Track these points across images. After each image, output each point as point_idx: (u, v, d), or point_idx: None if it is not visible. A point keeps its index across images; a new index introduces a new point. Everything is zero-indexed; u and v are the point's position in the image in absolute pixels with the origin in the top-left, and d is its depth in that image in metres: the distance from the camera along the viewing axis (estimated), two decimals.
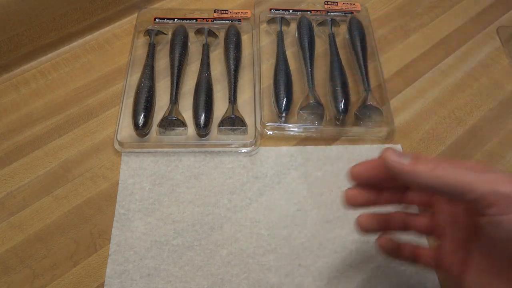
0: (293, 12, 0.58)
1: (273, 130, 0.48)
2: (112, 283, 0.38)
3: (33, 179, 0.44)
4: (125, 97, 0.49)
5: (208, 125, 0.46)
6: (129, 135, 0.46)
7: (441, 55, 0.57)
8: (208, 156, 0.46)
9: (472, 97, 0.53)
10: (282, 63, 0.51)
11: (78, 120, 0.49)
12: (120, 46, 0.55)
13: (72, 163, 0.45)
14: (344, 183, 0.45)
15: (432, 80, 0.54)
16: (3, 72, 0.52)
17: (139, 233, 0.41)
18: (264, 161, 0.46)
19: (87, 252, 0.40)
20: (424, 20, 0.61)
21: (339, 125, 0.48)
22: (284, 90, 0.48)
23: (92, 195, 0.43)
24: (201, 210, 0.43)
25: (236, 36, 0.53)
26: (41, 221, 0.41)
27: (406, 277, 0.39)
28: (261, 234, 0.41)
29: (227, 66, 0.51)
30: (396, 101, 0.52)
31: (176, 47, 0.51)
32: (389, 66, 0.55)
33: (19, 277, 0.38)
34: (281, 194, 0.44)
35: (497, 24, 0.61)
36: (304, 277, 0.39)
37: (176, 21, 0.56)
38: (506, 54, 0.57)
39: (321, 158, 0.46)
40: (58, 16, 0.52)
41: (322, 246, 0.41)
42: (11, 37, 0.50)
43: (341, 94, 0.48)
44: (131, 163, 0.45)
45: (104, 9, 0.56)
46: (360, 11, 0.59)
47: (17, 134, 0.47)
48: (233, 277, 0.39)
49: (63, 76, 0.52)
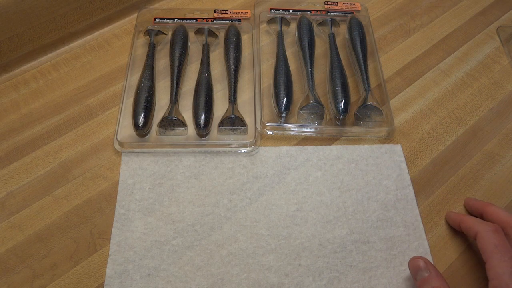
0: (293, 12, 0.58)
1: (273, 130, 0.48)
2: (112, 283, 0.38)
3: (33, 179, 0.44)
4: (125, 97, 0.49)
5: (208, 125, 0.46)
6: (129, 135, 0.46)
7: (441, 55, 0.57)
8: (208, 156, 0.46)
9: (472, 97, 0.53)
10: (282, 63, 0.51)
11: (78, 120, 0.49)
12: (120, 46, 0.55)
13: (72, 163, 0.45)
14: (344, 183, 0.45)
15: (432, 80, 0.54)
16: (3, 72, 0.52)
17: (139, 233, 0.41)
18: (264, 161, 0.46)
19: (87, 252, 0.40)
20: (424, 20, 0.61)
21: (339, 125, 0.48)
22: (284, 90, 0.48)
23: (92, 195, 0.43)
24: (201, 210, 0.43)
25: (236, 36, 0.53)
26: (41, 221, 0.41)
27: (406, 277, 0.39)
28: (261, 234, 0.41)
29: (227, 66, 0.51)
30: (396, 101, 0.52)
31: (176, 47, 0.51)
32: (389, 66, 0.55)
33: (19, 277, 0.38)
34: (281, 194, 0.44)
35: (497, 24, 0.61)
36: (304, 277, 0.39)
37: (176, 21, 0.56)
38: (506, 54, 0.57)
39: (321, 158, 0.47)
40: (58, 16, 0.52)
41: (322, 246, 0.41)
42: (11, 37, 0.50)
43: (341, 94, 0.48)
44: (131, 163, 0.45)
45: (104, 9, 0.56)
46: (360, 11, 0.59)
47: (17, 134, 0.47)
48: (233, 277, 0.39)
49: (63, 76, 0.52)
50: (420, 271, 0.36)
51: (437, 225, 0.43)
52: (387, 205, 0.43)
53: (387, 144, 0.48)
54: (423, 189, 0.45)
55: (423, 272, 0.36)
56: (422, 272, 0.36)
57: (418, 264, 0.36)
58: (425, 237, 0.42)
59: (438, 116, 0.51)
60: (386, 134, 0.48)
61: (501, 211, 0.39)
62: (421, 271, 0.36)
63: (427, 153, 0.48)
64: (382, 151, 0.47)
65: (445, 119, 0.51)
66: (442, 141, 0.49)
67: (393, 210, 0.43)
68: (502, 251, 0.34)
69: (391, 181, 0.45)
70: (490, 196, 0.45)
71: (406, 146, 0.48)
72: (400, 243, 0.41)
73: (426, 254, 0.41)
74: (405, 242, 0.41)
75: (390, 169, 0.46)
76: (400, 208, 0.43)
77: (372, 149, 0.47)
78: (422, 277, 0.36)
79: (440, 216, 0.43)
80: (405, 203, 0.44)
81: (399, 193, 0.44)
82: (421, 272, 0.36)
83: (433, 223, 0.43)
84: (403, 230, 0.42)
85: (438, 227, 0.43)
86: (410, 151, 0.48)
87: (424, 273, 0.36)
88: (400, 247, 0.41)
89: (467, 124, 0.50)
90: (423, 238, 0.42)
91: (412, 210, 0.43)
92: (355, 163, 0.46)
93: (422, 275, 0.36)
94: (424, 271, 0.36)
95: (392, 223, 0.42)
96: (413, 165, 0.47)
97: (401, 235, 0.42)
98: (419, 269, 0.36)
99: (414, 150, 0.48)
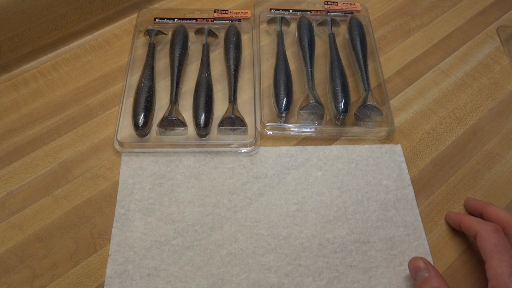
0: (293, 12, 0.58)
1: (273, 130, 0.48)
2: (112, 283, 0.38)
3: (33, 179, 0.44)
4: (125, 97, 0.49)
5: (208, 125, 0.46)
6: (129, 135, 0.46)
7: (441, 55, 0.57)
8: (208, 156, 0.46)
9: (472, 97, 0.53)
10: (282, 63, 0.51)
11: (78, 120, 0.49)
12: (120, 46, 0.55)
13: (72, 163, 0.45)
14: (344, 183, 0.45)
15: (432, 80, 0.54)
16: (3, 72, 0.52)
17: (139, 233, 0.41)
18: (264, 161, 0.46)
19: (87, 252, 0.40)
20: (424, 20, 0.61)
21: (339, 125, 0.48)
22: (284, 90, 0.48)
23: (92, 195, 0.43)
24: (201, 210, 0.43)
25: (236, 36, 0.53)
26: (41, 221, 0.41)
27: (406, 277, 0.39)
28: (261, 234, 0.41)
29: (227, 66, 0.51)
30: (396, 101, 0.52)
31: (176, 47, 0.51)
32: (389, 66, 0.55)
33: (19, 277, 0.38)
34: (281, 194, 0.44)
35: (497, 24, 0.61)
36: (304, 277, 0.39)
37: (176, 21, 0.56)
38: (506, 54, 0.57)
39: (321, 158, 0.47)
40: (58, 16, 0.52)
41: (322, 246, 0.41)
42: (11, 37, 0.50)
43: (341, 94, 0.48)
44: (131, 163, 0.45)
45: (104, 9, 0.56)
46: (360, 11, 0.59)
47: (17, 134, 0.47)
48: (233, 277, 0.39)
49: (63, 76, 0.52)
50: (420, 272, 0.36)
51: (437, 225, 0.43)
52: (387, 205, 0.43)
53: (387, 144, 0.48)
54: (423, 189, 0.45)
55: (423, 272, 0.36)
56: (422, 272, 0.36)
57: (418, 265, 0.37)
58: (425, 237, 0.42)
59: (438, 116, 0.51)
60: (386, 134, 0.48)
61: (501, 211, 0.39)
62: (421, 271, 0.36)
63: (427, 153, 0.48)
64: (382, 151, 0.47)
65: (445, 119, 0.51)
66: (442, 141, 0.49)
67: (393, 210, 0.43)
68: (502, 251, 0.34)
69: (391, 181, 0.45)
70: (490, 196, 0.45)
71: (406, 146, 0.48)
72: (400, 243, 0.41)
73: (426, 254, 0.41)
74: (405, 242, 0.41)
75: (390, 169, 0.46)
76: (400, 208, 0.43)
77: (372, 149, 0.47)
78: (422, 277, 0.36)
79: (440, 216, 0.43)
80: (405, 203, 0.44)
81: (399, 193, 0.44)
82: (421, 272, 0.36)
83: (433, 223, 0.43)
84: (403, 230, 0.42)
85: (438, 227, 0.43)
86: (410, 151, 0.48)
87: (424, 274, 0.36)
88: (400, 247, 0.41)
89: (467, 124, 0.50)
90: (423, 238, 0.42)
91: (412, 210, 0.43)
92: (355, 163, 0.46)
93: (422, 276, 0.36)
94: (424, 271, 0.36)
95: (392, 223, 0.42)
96: (413, 165, 0.47)
97: (401, 235, 0.42)
98: (419, 269, 0.37)
99: (414, 150, 0.48)
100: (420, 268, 0.36)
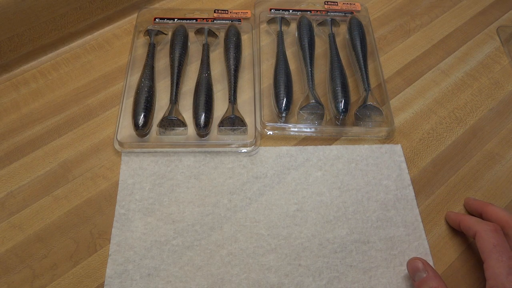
0: (293, 12, 0.58)
1: (273, 130, 0.48)
2: (112, 283, 0.38)
3: (33, 179, 0.44)
4: (125, 97, 0.49)
5: (208, 125, 0.46)
6: (129, 135, 0.46)
7: (441, 55, 0.57)
8: (208, 156, 0.46)
9: (472, 97, 0.53)
10: (282, 63, 0.51)
11: (78, 120, 0.49)
12: (120, 46, 0.55)
13: (72, 163, 0.45)
14: (344, 183, 0.45)
15: (432, 80, 0.54)
16: (3, 72, 0.52)
17: (139, 233, 0.41)
18: (264, 161, 0.46)
19: (87, 252, 0.40)
20: (424, 20, 0.61)
21: (339, 125, 0.48)
22: (284, 90, 0.48)
23: (92, 195, 0.43)
24: (201, 210, 0.43)
25: (236, 36, 0.53)
26: (41, 221, 0.41)
27: (406, 277, 0.39)
28: (261, 234, 0.41)
29: (227, 66, 0.51)
30: (396, 101, 0.52)
31: (176, 47, 0.51)
32: (389, 66, 0.55)
33: (19, 277, 0.38)
34: (281, 194, 0.44)
35: (497, 24, 0.61)
36: (304, 277, 0.39)
37: (176, 21, 0.56)
38: (506, 54, 0.57)
39: (321, 158, 0.47)
40: (58, 16, 0.52)
41: (322, 246, 0.41)
42: (11, 37, 0.50)
43: (341, 94, 0.48)
44: (131, 163, 0.45)
45: (104, 9, 0.56)
46: (360, 11, 0.59)
47: (17, 134, 0.47)
48: (233, 277, 0.39)
49: (63, 76, 0.52)
50: (418, 272, 0.36)
51: (437, 225, 0.43)
52: (387, 205, 0.43)
53: (387, 144, 0.48)
54: (423, 189, 0.45)
55: (421, 273, 0.36)
56: (420, 273, 0.36)
57: (417, 265, 0.37)
58: (425, 237, 0.42)
59: (438, 116, 0.51)
60: (386, 134, 0.48)
61: (501, 211, 0.39)
62: (419, 272, 0.36)
63: (427, 153, 0.48)
64: (382, 151, 0.47)
65: (445, 119, 0.51)
66: (442, 141, 0.49)
67: (393, 210, 0.43)
68: (500, 251, 0.35)
69: (391, 181, 0.45)
70: (490, 196, 0.45)
71: (406, 146, 0.48)
72: (400, 243, 0.41)
73: (426, 254, 0.41)
74: (405, 242, 0.41)
75: (390, 169, 0.46)
76: (400, 208, 0.43)
77: (372, 149, 0.47)
78: (420, 277, 0.36)
79: (440, 216, 0.43)
80: (405, 203, 0.44)
81: (399, 193, 0.44)
82: (419, 273, 0.36)
83: (433, 223, 0.43)
84: (403, 230, 0.42)
85: (438, 227, 0.43)
86: (410, 151, 0.48)
87: (422, 274, 0.36)
88: (400, 247, 0.41)
89: (467, 124, 0.50)
90: (423, 238, 0.42)
91: (412, 210, 0.43)
92: (355, 163, 0.46)
93: (420, 276, 0.36)
94: (422, 272, 0.36)
95: (392, 223, 0.42)
96: (413, 165, 0.47)
97: (401, 235, 0.42)
98: (417, 270, 0.37)
99: (414, 150, 0.48)
100: (419, 268, 0.37)
